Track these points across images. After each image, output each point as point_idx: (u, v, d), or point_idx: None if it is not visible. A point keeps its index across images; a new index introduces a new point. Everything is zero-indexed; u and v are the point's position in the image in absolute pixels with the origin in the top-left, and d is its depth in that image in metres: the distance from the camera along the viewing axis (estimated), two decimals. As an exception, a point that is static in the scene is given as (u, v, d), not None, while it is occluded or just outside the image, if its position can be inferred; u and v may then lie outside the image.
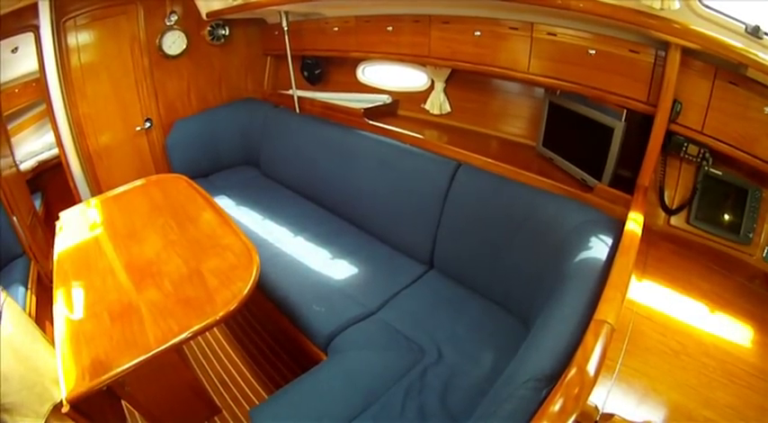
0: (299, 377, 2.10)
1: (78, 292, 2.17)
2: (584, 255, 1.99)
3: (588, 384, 1.18)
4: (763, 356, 1.81)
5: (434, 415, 1.96)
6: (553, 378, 1.35)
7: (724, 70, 2.16)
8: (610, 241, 2.00)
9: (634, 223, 1.94)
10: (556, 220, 2.31)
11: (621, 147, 2.40)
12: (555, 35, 2.45)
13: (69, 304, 2.09)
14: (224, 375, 2.84)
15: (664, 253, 2.30)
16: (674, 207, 2.45)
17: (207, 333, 3.08)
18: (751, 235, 2.36)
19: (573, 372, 1.21)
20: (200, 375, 2.83)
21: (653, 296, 1.94)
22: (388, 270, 2.84)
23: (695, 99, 2.24)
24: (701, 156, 2.33)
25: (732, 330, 1.88)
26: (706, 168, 2.36)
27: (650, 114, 2.29)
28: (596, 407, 1.40)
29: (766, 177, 2.33)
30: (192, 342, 3.00)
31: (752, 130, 2.20)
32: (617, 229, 2.04)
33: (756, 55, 1.97)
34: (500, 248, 2.51)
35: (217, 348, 3.03)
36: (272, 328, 3.10)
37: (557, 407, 1.12)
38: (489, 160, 2.73)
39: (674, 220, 2.47)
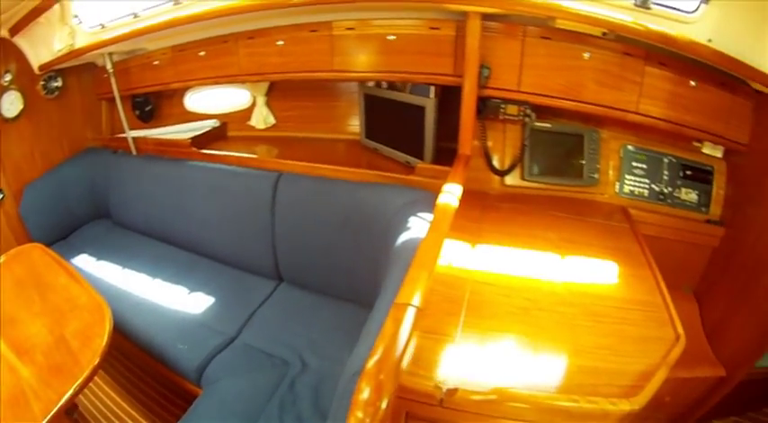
0: (181, 420, 2.07)
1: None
2: (405, 237, 2.00)
3: (391, 369, 1.15)
4: (633, 287, 1.86)
5: (312, 420, 1.99)
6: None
7: (533, 27, 2.21)
8: (431, 218, 1.99)
9: (448, 195, 1.92)
10: (378, 208, 2.36)
11: (437, 122, 2.44)
12: (353, 29, 2.46)
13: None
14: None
15: (504, 214, 2.33)
16: (506, 168, 2.47)
17: (101, 395, 3.00)
18: (596, 175, 2.43)
19: (373, 360, 1.18)
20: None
21: (493, 260, 1.94)
22: (240, 293, 2.85)
23: (507, 60, 2.29)
24: (522, 113, 2.36)
25: (592, 272, 1.91)
26: (531, 124, 2.39)
27: (460, 85, 2.29)
28: (437, 384, 1.38)
29: (602, 118, 2.38)
30: (92, 408, 2.93)
31: (575, 77, 2.26)
32: (437, 205, 2.03)
33: (559, 5, 2.01)
34: (334, 247, 2.59)
35: (116, 409, 2.93)
36: (154, 374, 3.03)
37: (364, 395, 1.09)
38: (310, 164, 2.76)
39: (508, 180, 2.52)
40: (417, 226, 2.03)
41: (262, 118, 3.31)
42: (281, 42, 2.65)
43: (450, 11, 2.21)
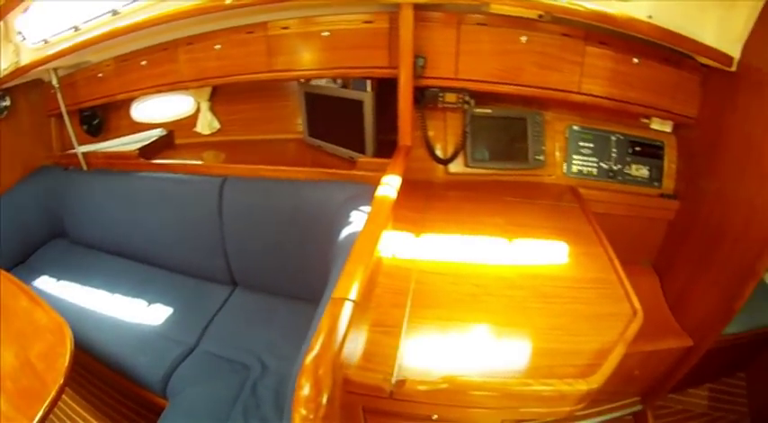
0: None
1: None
2: (347, 231, 2.02)
3: (329, 364, 1.14)
4: (585, 265, 1.86)
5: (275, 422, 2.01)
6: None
7: (467, 14, 2.20)
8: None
9: (386, 187, 1.91)
10: (321, 205, 2.39)
11: (377, 115, 2.45)
12: (288, 28, 2.45)
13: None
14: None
15: (449, 202, 2.33)
16: (448, 156, 2.47)
17: (73, 415, 2.98)
18: (542, 157, 2.44)
19: (310, 356, 1.17)
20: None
21: (438, 249, 1.93)
22: (197, 301, 2.85)
23: (443, 49, 2.28)
24: (461, 100, 2.36)
25: (542, 253, 1.90)
26: (471, 110, 2.39)
27: (396, 77, 2.30)
28: (385, 378, 1.37)
29: (544, 100, 2.39)
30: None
31: (513, 61, 2.27)
32: (378, 198, 2.03)
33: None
34: (282, 248, 2.61)
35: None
36: (122, 390, 3.01)
37: (304, 392, 1.09)
38: (254, 167, 2.76)
39: (452, 168, 2.52)
40: (358, 220, 2.04)
41: (206, 123, 3.29)
42: (218, 46, 2.63)
43: (383, 3, 2.22)
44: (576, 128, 2.55)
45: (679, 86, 2.39)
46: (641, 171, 2.57)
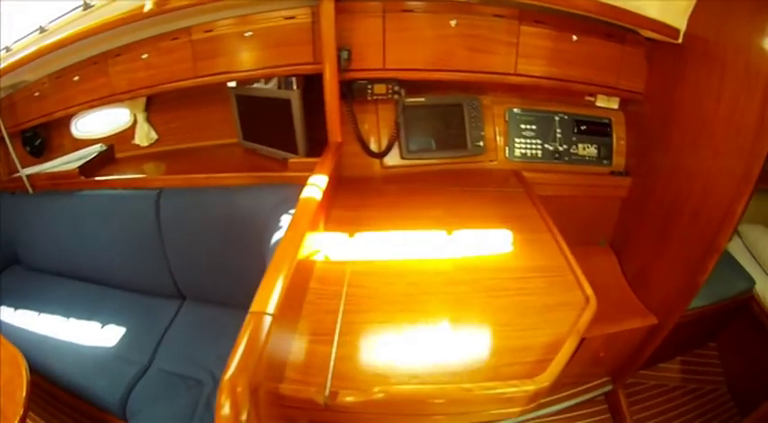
0: None
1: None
2: (277, 236, 1.98)
3: (245, 382, 1.10)
4: (531, 253, 1.80)
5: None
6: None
7: (392, 2, 2.16)
8: None
9: (310, 188, 1.86)
10: (254, 210, 2.36)
11: (306, 114, 2.41)
12: (212, 31, 2.39)
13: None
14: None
15: (386, 197, 2.30)
16: (383, 149, 2.43)
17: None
18: (481, 143, 2.43)
19: (228, 374, 1.13)
20: None
21: (373, 248, 1.86)
22: (148, 319, 2.82)
23: (368, 39, 2.24)
24: (391, 91, 2.32)
25: (484, 244, 1.84)
26: (402, 101, 2.36)
27: (322, 72, 2.24)
28: (318, 390, 1.31)
29: (481, 85, 2.36)
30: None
31: (443, 46, 2.25)
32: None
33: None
34: (222, 257, 2.60)
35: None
36: (86, 415, 2.97)
37: (225, 411, 1.05)
38: (187, 176, 2.71)
39: (388, 162, 2.48)
40: (287, 224, 1.97)
41: (144, 135, 3.22)
42: (145, 56, 2.57)
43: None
44: (516, 110, 2.53)
45: (623, 62, 2.37)
46: (589, 150, 2.55)
